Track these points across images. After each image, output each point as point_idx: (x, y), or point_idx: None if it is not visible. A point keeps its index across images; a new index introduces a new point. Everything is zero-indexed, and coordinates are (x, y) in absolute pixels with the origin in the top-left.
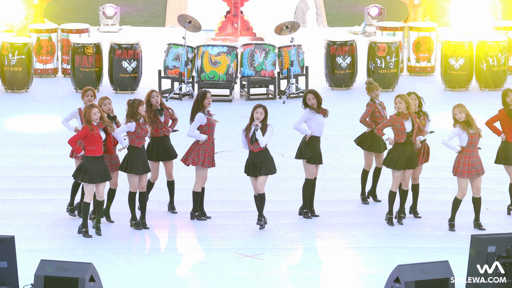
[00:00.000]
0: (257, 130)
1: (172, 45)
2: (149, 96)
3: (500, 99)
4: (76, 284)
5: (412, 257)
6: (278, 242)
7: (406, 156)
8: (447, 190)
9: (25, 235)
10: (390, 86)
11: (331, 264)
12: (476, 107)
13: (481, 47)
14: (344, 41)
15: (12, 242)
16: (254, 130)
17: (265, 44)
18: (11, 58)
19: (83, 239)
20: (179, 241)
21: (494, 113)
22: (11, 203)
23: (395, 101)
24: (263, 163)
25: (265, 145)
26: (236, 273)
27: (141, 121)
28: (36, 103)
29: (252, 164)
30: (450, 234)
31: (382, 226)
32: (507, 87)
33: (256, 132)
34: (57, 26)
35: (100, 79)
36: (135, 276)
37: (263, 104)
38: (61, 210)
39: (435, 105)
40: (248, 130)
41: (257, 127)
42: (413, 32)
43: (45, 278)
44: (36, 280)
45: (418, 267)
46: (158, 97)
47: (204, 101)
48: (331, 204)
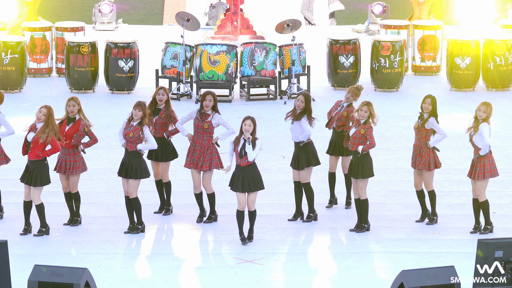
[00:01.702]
0: (248, 144)
1: (170, 43)
2: (156, 92)
3: (507, 98)
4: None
5: (417, 262)
6: (279, 246)
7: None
8: (453, 193)
9: (18, 239)
10: (394, 86)
11: (334, 269)
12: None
13: (488, 46)
14: (347, 39)
15: (5, 247)
16: (243, 143)
17: (266, 43)
18: (4, 57)
19: (79, 244)
20: (177, 245)
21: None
22: (4, 207)
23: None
24: (250, 178)
25: (253, 160)
26: (235, 279)
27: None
28: (30, 103)
29: (237, 179)
30: (456, 239)
31: (386, 230)
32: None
33: (246, 145)
34: (52, 24)
35: (96, 78)
36: (131, 282)
37: (251, 116)
38: (56, 213)
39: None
40: (237, 143)
41: (249, 140)
42: (418, 30)
43: (38, 284)
44: (30, 286)
45: (423, 273)
46: (163, 96)
47: (203, 102)
48: (333, 208)
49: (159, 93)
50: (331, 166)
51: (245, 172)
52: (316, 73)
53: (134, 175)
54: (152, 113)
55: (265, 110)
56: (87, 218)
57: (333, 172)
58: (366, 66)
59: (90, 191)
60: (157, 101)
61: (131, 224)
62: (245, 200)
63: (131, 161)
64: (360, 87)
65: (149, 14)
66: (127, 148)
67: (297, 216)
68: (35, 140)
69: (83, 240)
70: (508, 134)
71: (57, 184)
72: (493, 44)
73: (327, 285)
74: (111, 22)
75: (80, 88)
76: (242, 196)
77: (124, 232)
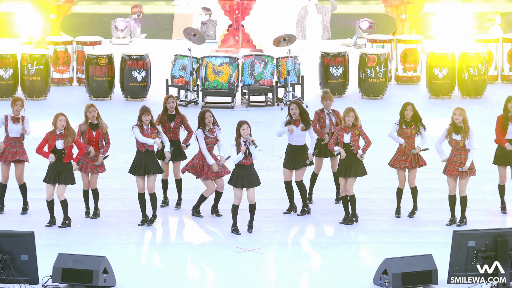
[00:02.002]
0: (251, 145)
1: (179, 56)
2: (165, 101)
3: (480, 105)
4: (91, 275)
5: (399, 251)
6: (276, 237)
7: (345, 164)
8: (432, 190)
9: (44, 230)
10: (379, 94)
11: (324, 257)
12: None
13: (463, 58)
14: (337, 52)
15: (32, 237)
16: (247, 146)
17: (264, 55)
18: (30, 68)
19: (98, 235)
20: (185, 236)
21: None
22: (31, 202)
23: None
24: (250, 175)
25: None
26: (237, 266)
27: (145, 128)
28: (53, 109)
29: (240, 176)
30: (434, 230)
31: (371, 222)
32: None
33: (250, 147)
34: (73, 39)
35: (112, 87)
36: (144, 268)
37: (245, 120)
38: (77, 208)
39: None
40: (239, 145)
41: (252, 143)
42: (400, 44)
43: (62, 270)
44: (54, 272)
45: (404, 260)
46: (173, 103)
47: (204, 120)
48: (325, 203)
49: (169, 101)
50: (317, 167)
51: (246, 170)
52: (309, 82)
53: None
54: (167, 119)
55: (264, 115)
56: (104, 212)
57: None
58: (354, 76)
59: (108, 187)
60: (169, 109)
61: (144, 217)
62: (242, 196)
63: (148, 160)
64: (326, 90)
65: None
66: (148, 149)
67: (291, 210)
68: (69, 147)
69: (101, 231)
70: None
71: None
72: (468, 56)
73: (318, 271)
74: (125, 36)
75: (98, 96)
76: (240, 191)
77: (138, 224)
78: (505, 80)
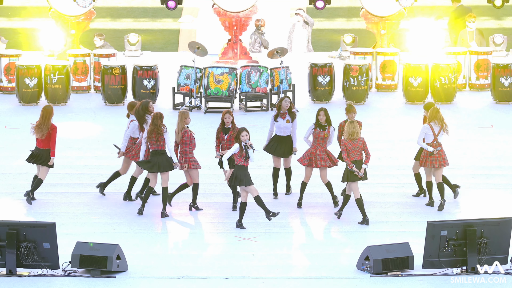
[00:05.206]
0: (249, 149)
1: (184, 66)
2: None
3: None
4: (106, 261)
5: (379, 239)
6: (270, 227)
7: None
8: (408, 185)
9: (64, 221)
10: (361, 100)
11: (313, 245)
12: None
13: (435, 68)
14: (324, 63)
15: (54, 227)
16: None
17: (260, 66)
18: (52, 77)
19: (112, 225)
20: (189, 226)
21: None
22: (53, 196)
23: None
24: (245, 175)
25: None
26: (236, 252)
27: None
28: (73, 114)
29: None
30: (410, 221)
31: (355, 214)
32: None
33: (248, 151)
34: (90, 52)
35: (125, 94)
36: (153, 255)
37: (244, 127)
38: (94, 202)
39: (397, 116)
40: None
41: (252, 148)
42: (380, 56)
43: (80, 256)
44: (73, 258)
45: (384, 248)
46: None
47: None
48: (313, 197)
49: (225, 117)
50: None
51: (243, 170)
52: (299, 90)
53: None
54: (222, 131)
55: (259, 119)
56: (117, 204)
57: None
58: (339, 84)
59: (121, 183)
60: (225, 122)
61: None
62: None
63: (161, 158)
64: (350, 103)
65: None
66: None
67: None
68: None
69: (115, 222)
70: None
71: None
72: (439, 67)
73: (308, 257)
74: (137, 49)
75: (113, 102)
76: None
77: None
78: (472, 88)
